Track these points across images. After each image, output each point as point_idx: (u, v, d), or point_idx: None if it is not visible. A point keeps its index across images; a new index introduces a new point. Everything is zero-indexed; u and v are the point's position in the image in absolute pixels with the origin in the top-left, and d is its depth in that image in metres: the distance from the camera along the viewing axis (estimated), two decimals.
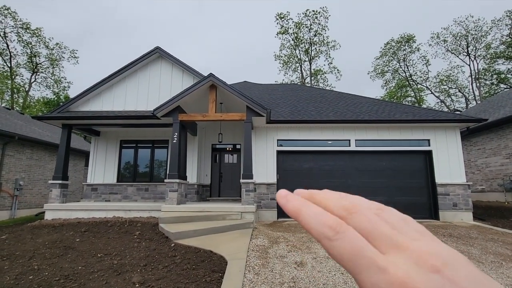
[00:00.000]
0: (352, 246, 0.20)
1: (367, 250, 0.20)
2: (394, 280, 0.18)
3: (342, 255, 0.20)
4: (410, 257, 0.20)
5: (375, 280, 0.19)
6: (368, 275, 0.19)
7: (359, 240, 0.20)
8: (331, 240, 0.20)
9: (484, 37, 28.29)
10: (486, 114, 12.96)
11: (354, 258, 0.19)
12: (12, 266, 4.51)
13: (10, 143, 11.34)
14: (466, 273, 0.19)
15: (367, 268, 0.19)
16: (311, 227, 0.21)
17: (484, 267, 4.43)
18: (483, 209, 10.49)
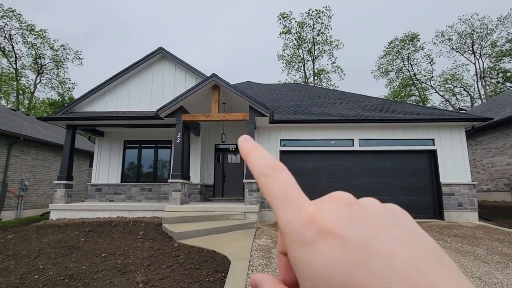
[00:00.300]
0: (282, 185, 0.21)
1: (292, 191, 0.21)
2: (305, 216, 0.19)
3: (271, 191, 0.21)
4: (328, 200, 0.21)
5: (291, 217, 0.20)
6: (286, 212, 0.20)
7: (289, 181, 0.22)
8: (266, 176, 0.22)
9: (490, 35, 27.98)
10: (492, 113, 12.82)
11: (280, 195, 0.21)
12: (17, 265, 4.56)
13: (15, 144, 11.46)
14: (376, 208, 0.21)
15: (287, 205, 0.20)
16: (255, 164, 0.23)
17: (490, 267, 4.38)
18: (489, 209, 10.38)
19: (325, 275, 0.17)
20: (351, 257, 0.17)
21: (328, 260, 0.17)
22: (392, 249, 0.17)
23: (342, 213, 0.19)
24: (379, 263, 0.16)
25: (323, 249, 0.17)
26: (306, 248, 0.18)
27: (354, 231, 0.18)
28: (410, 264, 0.17)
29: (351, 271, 0.16)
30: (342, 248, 0.17)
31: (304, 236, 0.19)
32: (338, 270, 0.16)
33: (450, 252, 5.20)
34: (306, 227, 0.19)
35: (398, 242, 0.18)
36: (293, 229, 0.19)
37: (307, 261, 0.18)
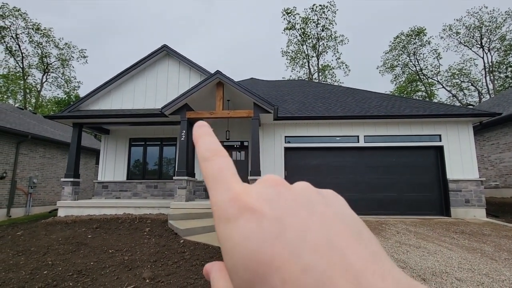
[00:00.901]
0: (219, 168, 0.23)
1: (226, 174, 0.22)
2: (231, 194, 0.20)
3: (209, 173, 0.22)
4: (258, 181, 0.23)
5: (220, 196, 0.21)
6: (217, 192, 0.21)
7: (226, 165, 0.23)
8: (207, 160, 0.23)
9: (499, 29, 27.38)
10: (500, 108, 12.60)
11: (216, 177, 0.22)
12: (27, 261, 4.65)
13: (23, 142, 11.63)
14: (304, 189, 0.22)
15: (219, 186, 0.21)
16: (199, 149, 0.24)
17: (497, 264, 4.33)
18: (497, 206, 10.25)
19: (242, 247, 0.18)
20: (266, 231, 0.18)
21: (245, 234, 0.18)
22: (307, 224, 0.18)
23: (266, 192, 0.21)
24: (292, 236, 0.17)
25: (242, 224, 0.19)
26: (228, 223, 0.19)
27: (273, 208, 0.19)
28: (323, 237, 0.17)
29: (265, 243, 0.17)
30: (259, 222, 0.18)
31: (227, 212, 0.20)
32: (254, 242, 0.17)
33: (457, 249, 5.15)
34: (229, 204, 0.20)
35: (316, 218, 0.19)
36: (219, 208, 0.20)
37: (227, 235, 0.19)
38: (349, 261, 0.17)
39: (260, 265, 0.17)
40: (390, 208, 9.05)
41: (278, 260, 0.17)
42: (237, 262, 0.18)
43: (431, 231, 6.68)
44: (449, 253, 4.84)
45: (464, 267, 4.19)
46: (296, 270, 0.16)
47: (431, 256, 4.70)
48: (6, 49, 27.66)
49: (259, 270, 0.17)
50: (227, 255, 0.19)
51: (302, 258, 0.16)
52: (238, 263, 0.18)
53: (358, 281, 0.16)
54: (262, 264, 0.17)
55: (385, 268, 0.17)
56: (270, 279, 0.16)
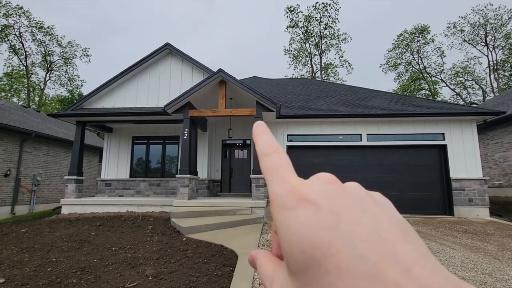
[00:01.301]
0: (276, 162, 0.25)
1: (284, 168, 0.24)
2: (289, 186, 0.22)
3: (267, 167, 0.24)
4: (312, 177, 0.24)
5: (278, 187, 0.22)
6: (275, 183, 0.23)
7: (284, 160, 0.25)
8: (266, 155, 0.25)
9: (504, 26, 27.08)
10: (505, 106, 12.49)
11: (273, 170, 0.24)
12: (31, 258, 4.69)
13: (27, 140, 11.71)
14: (356, 188, 0.24)
15: (277, 178, 0.23)
16: (259, 145, 0.27)
17: (501, 263, 4.31)
18: (501, 205, 10.19)
19: (299, 233, 0.19)
20: (323, 221, 0.19)
21: (302, 222, 0.20)
22: (359, 219, 0.20)
23: (321, 187, 0.22)
24: (346, 228, 0.19)
25: (300, 213, 0.20)
26: (286, 211, 0.21)
27: (329, 201, 0.21)
28: (374, 231, 0.19)
29: (321, 231, 0.19)
30: (316, 213, 0.20)
31: (285, 202, 0.21)
32: (311, 230, 0.19)
33: (460, 248, 5.13)
34: (288, 195, 0.22)
35: (367, 214, 0.21)
36: (278, 197, 0.22)
37: (285, 222, 0.20)
38: (399, 254, 0.18)
39: (316, 250, 0.18)
40: None
41: (334, 247, 0.18)
42: (295, 247, 0.19)
43: (434, 230, 6.65)
44: (452, 252, 4.82)
45: (467, 266, 4.17)
46: (350, 258, 0.18)
47: (434, 255, 4.66)
48: (10, 47, 27.82)
49: (316, 254, 0.18)
50: (285, 240, 0.20)
51: (355, 248, 0.18)
52: (295, 248, 0.19)
53: (409, 273, 0.17)
54: (319, 250, 0.18)
55: (433, 264, 0.18)
56: (325, 264, 0.18)
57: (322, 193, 0.21)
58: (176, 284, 3.57)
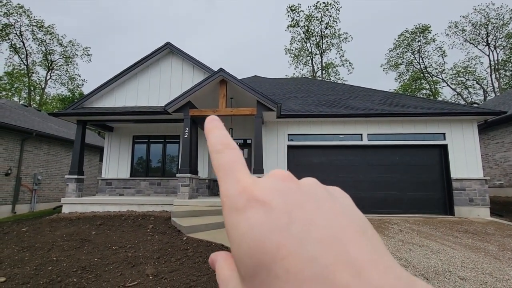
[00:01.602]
0: (230, 160, 0.23)
1: (237, 167, 0.23)
2: (240, 186, 0.21)
3: (220, 165, 0.23)
4: (267, 175, 0.23)
5: (230, 187, 0.21)
6: (227, 183, 0.22)
7: (236, 158, 0.24)
8: (218, 152, 0.24)
9: (506, 26, 27.00)
10: (506, 106, 12.47)
11: (226, 169, 0.23)
12: (32, 257, 4.70)
13: (28, 139, 11.72)
14: (312, 184, 0.23)
15: (229, 177, 0.22)
16: (211, 142, 0.25)
17: (501, 263, 4.31)
18: (501, 205, 10.17)
19: (249, 236, 0.18)
20: (273, 222, 0.18)
21: (252, 224, 0.19)
22: (313, 218, 0.19)
23: (274, 185, 0.21)
24: (298, 229, 0.18)
25: (250, 214, 0.19)
26: (236, 213, 0.20)
27: (281, 201, 0.20)
28: (327, 231, 0.18)
29: (272, 233, 0.18)
30: (267, 214, 0.19)
31: (236, 203, 0.20)
32: (260, 232, 0.18)
33: (460, 248, 5.13)
34: (238, 195, 0.21)
35: (322, 212, 0.20)
36: (228, 198, 0.21)
37: (235, 225, 0.20)
38: (352, 255, 0.17)
39: (265, 254, 0.17)
40: (393, 207, 9.02)
41: (283, 250, 0.17)
42: (244, 251, 0.18)
43: (434, 230, 6.65)
44: (453, 252, 4.81)
45: (467, 266, 4.17)
46: (300, 261, 0.17)
47: (434, 255, 4.68)
48: (11, 46, 27.83)
49: (265, 259, 0.17)
50: (234, 243, 0.19)
51: (306, 250, 0.17)
52: (244, 252, 0.18)
53: (359, 274, 0.16)
54: (268, 254, 0.17)
55: (387, 263, 0.17)
56: (274, 268, 0.17)
57: (274, 192, 0.20)
58: (177, 283, 3.57)
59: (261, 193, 0.20)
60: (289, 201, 0.20)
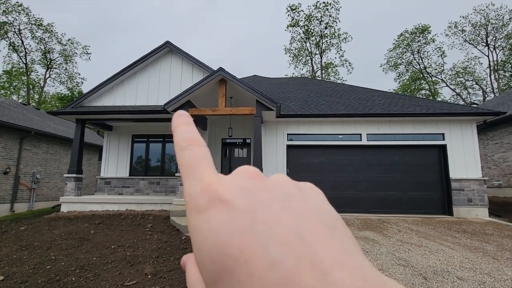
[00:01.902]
0: (194, 157, 0.22)
1: (201, 165, 0.22)
2: (203, 185, 0.20)
3: (184, 163, 0.22)
4: (233, 173, 0.22)
5: (193, 186, 0.20)
6: (190, 182, 0.21)
7: (201, 155, 0.22)
8: (182, 149, 0.23)
9: (505, 27, 27.04)
10: (505, 107, 12.49)
11: (190, 167, 0.22)
12: (30, 256, 4.69)
13: (27, 138, 11.69)
14: (280, 182, 0.22)
15: (193, 176, 0.21)
16: (176, 139, 0.24)
17: (499, 264, 4.32)
18: (500, 205, 10.20)
19: (210, 239, 0.17)
20: (236, 223, 0.17)
21: (214, 225, 0.18)
22: (278, 217, 0.18)
23: (239, 183, 0.20)
24: (262, 229, 0.17)
25: (212, 215, 0.18)
26: (198, 214, 0.19)
27: (245, 200, 0.19)
28: (294, 232, 0.17)
29: (234, 235, 0.17)
30: (229, 214, 0.18)
31: (197, 203, 0.19)
32: (222, 234, 0.17)
33: (458, 248, 5.14)
34: (200, 195, 0.19)
35: (289, 212, 0.19)
36: (191, 198, 0.20)
37: (197, 227, 0.18)
38: (317, 256, 0.16)
39: (227, 257, 0.16)
40: (392, 207, 9.03)
41: (246, 253, 0.16)
42: (205, 255, 0.17)
43: (433, 230, 6.66)
44: (451, 252, 4.82)
45: (465, 266, 4.18)
46: (263, 264, 0.16)
47: (433, 255, 4.69)
48: (9, 45, 27.74)
49: (227, 263, 0.16)
50: (196, 247, 0.18)
51: (270, 252, 0.16)
52: (206, 256, 0.17)
53: (324, 277, 0.15)
54: (230, 257, 0.16)
55: (355, 264, 0.17)
56: (237, 272, 0.16)
57: (238, 190, 0.19)
58: (175, 282, 3.57)
59: (224, 192, 0.19)
60: (254, 200, 0.19)
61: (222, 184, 0.20)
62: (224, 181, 0.20)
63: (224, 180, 0.20)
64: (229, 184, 0.20)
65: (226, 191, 0.19)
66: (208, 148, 0.24)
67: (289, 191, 0.21)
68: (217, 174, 0.21)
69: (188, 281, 0.22)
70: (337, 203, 9.24)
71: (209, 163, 0.22)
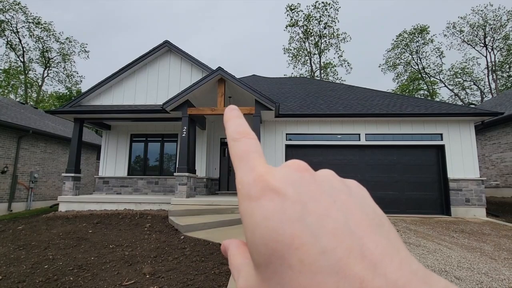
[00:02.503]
0: (245, 149, 0.23)
1: (253, 155, 0.23)
2: (255, 175, 0.21)
3: (236, 153, 0.23)
4: (283, 165, 0.23)
5: (244, 175, 0.22)
6: (242, 171, 0.22)
7: (253, 147, 0.24)
8: (235, 141, 0.24)
9: (503, 27, 27.16)
10: (502, 107, 12.55)
11: (242, 157, 0.23)
12: (28, 255, 4.67)
13: (24, 137, 11.65)
14: (328, 176, 0.23)
15: (245, 165, 0.22)
16: (229, 130, 0.25)
17: (497, 263, 4.34)
18: (497, 205, 10.25)
19: (263, 225, 0.18)
20: (288, 212, 0.18)
21: (267, 213, 0.19)
22: (328, 210, 0.19)
23: (290, 175, 0.21)
24: (312, 220, 0.18)
25: (264, 203, 0.19)
26: (251, 202, 0.20)
27: (296, 191, 0.20)
28: (342, 224, 0.18)
29: (286, 223, 0.18)
30: (281, 204, 0.19)
31: (250, 191, 0.20)
32: (274, 222, 0.18)
33: (456, 247, 5.16)
34: (253, 184, 0.21)
35: (337, 205, 0.20)
36: (243, 186, 0.21)
37: (249, 213, 0.19)
38: (367, 248, 0.17)
39: (279, 244, 0.17)
40: (390, 207, 9.05)
41: (298, 241, 0.17)
42: (258, 239, 0.18)
43: (431, 229, 6.68)
44: (449, 252, 4.84)
45: (463, 266, 4.19)
46: (314, 252, 0.17)
47: (431, 254, 4.71)
48: (7, 43, 27.59)
49: (278, 248, 0.17)
50: (248, 231, 0.19)
51: (321, 241, 0.17)
52: (258, 240, 0.18)
53: (375, 268, 0.16)
54: (282, 243, 0.17)
55: (403, 257, 0.18)
56: (288, 258, 0.17)
57: (289, 182, 0.20)
58: (174, 282, 3.56)
59: (276, 182, 0.20)
60: (304, 192, 0.20)
61: (273, 175, 0.21)
62: (275, 172, 0.21)
63: (275, 171, 0.21)
64: (280, 176, 0.21)
65: (278, 182, 0.20)
66: (259, 142, 0.25)
67: (336, 186, 0.22)
68: (268, 166, 0.22)
69: (232, 263, 0.23)
70: None
71: (260, 155, 0.23)
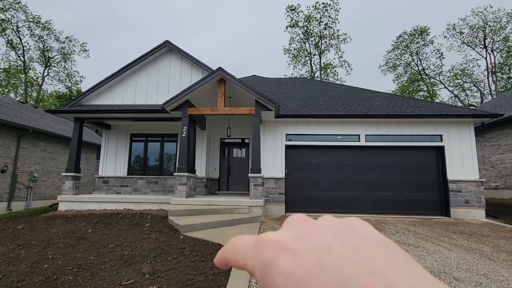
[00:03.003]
0: (235, 242, 0.24)
1: (246, 236, 0.24)
2: (261, 240, 0.21)
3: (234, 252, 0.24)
4: (286, 222, 0.24)
5: (249, 253, 0.22)
6: (246, 254, 0.22)
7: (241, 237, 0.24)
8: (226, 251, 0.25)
9: (503, 29, 27.18)
10: (502, 109, 12.56)
11: (237, 245, 0.24)
12: (27, 254, 4.68)
13: (24, 136, 11.65)
14: (328, 221, 0.24)
15: (246, 249, 0.22)
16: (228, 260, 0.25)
17: (496, 265, 4.34)
18: (497, 207, 10.26)
19: (287, 285, 0.18)
20: (305, 267, 0.18)
21: (286, 274, 0.18)
22: (342, 254, 0.19)
23: (293, 231, 0.21)
24: (331, 267, 0.18)
25: (280, 265, 0.19)
26: (266, 268, 0.20)
27: (306, 244, 0.20)
28: (359, 262, 0.18)
29: (308, 279, 0.18)
30: (296, 261, 0.19)
31: (262, 258, 0.20)
32: (296, 281, 0.18)
33: (455, 249, 5.17)
34: (264, 248, 0.21)
35: (348, 247, 0.20)
36: (253, 260, 0.21)
37: (270, 280, 0.19)
38: (390, 281, 0.17)
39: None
40: (390, 208, 9.06)
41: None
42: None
43: (430, 231, 6.69)
44: (448, 253, 4.85)
45: (462, 267, 4.20)
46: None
47: (430, 255, 4.71)
48: (7, 42, 27.58)
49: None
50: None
51: (346, 285, 0.17)
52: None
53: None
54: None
55: (426, 283, 0.17)
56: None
57: (295, 236, 0.21)
58: (173, 282, 3.57)
59: (284, 240, 0.20)
60: (314, 243, 0.20)
61: (278, 235, 0.21)
62: (280, 232, 0.22)
63: (280, 232, 0.22)
64: (285, 234, 0.21)
65: (285, 239, 0.20)
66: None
67: (339, 229, 0.22)
68: (267, 232, 0.23)
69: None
70: (334, 203, 9.26)
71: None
